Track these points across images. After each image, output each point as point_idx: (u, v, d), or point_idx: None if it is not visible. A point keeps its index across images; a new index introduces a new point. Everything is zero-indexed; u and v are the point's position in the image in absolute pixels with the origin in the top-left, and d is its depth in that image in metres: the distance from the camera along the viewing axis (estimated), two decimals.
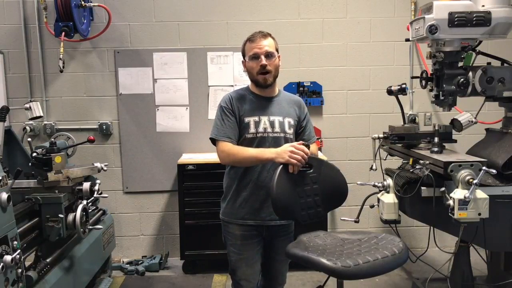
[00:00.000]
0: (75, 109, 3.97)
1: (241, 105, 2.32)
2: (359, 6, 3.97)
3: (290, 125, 2.36)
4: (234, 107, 2.31)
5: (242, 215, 2.33)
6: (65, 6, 3.50)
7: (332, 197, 2.24)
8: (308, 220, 2.15)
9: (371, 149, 3.00)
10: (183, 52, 3.94)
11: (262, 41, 2.28)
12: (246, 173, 2.31)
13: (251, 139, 2.29)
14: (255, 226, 2.33)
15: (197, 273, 3.74)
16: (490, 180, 2.48)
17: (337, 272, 1.81)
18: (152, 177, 4.02)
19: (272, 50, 2.29)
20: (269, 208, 2.24)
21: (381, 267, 1.88)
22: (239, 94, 2.38)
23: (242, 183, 2.33)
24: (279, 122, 2.32)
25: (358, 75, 4.02)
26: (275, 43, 2.34)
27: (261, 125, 2.30)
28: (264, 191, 2.28)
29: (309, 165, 2.17)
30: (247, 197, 2.32)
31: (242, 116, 2.31)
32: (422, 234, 4.08)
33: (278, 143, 2.28)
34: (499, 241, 2.56)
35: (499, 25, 2.47)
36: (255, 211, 2.32)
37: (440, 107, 2.74)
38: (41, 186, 2.50)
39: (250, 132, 2.29)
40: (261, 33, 2.32)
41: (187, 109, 3.98)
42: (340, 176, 2.28)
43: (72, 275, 2.61)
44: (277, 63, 2.34)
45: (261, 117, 2.31)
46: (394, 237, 2.12)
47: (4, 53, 3.85)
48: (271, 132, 2.30)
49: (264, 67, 2.27)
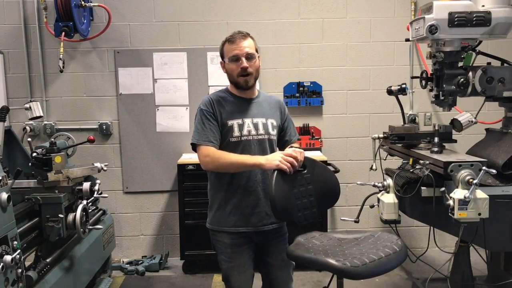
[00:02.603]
0: (75, 109, 3.97)
1: (222, 108, 2.23)
2: (359, 6, 3.97)
3: (273, 126, 2.30)
4: (215, 110, 2.22)
5: (233, 222, 2.24)
6: (65, 6, 3.50)
7: (325, 198, 2.24)
8: (304, 221, 2.15)
9: (371, 149, 3.00)
10: (183, 52, 3.94)
11: (242, 42, 2.19)
12: (234, 178, 2.22)
13: (235, 143, 2.21)
14: (246, 232, 2.25)
15: (197, 273, 3.74)
16: (490, 180, 2.48)
17: (347, 272, 1.82)
18: (152, 177, 4.02)
19: (253, 51, 2.21)
20: (260, 214, 2.22)
21: (386, 265, 1.90)
22: (219, 97, 2.27)
23: (229, 189, 2.24)
24: (262, 124, 2.26)
25: (358, 75, 4.02)
26: (255, 43, 2.26)
27: (245, 128, 2.22)
28: (254, 196, 2.22)
29: (303, 165, 2.17)
30: (236, 204, 2.23)
31: (224, 119, 2.22)
32: (422, 234, 4.08)
33: (263, 146, 2.24)
34: (499, 241, 2.56)
35: (499, 25, 2.47)
36: (246, 218, 2.24)
37: (440, 107, 2.74)
38: (41, 186, 2.50)
39: (234, 136, 2.21)
40: (241, 33, 2.23)
41: (187, 109, 3.98)
42: (333, 176, 2.29)
43: (72, 275, 2.61)
44: (258, 64, 2.25)
45: (244, 120, 2.23)
46: (391, 235, 2.14)
47: (4, 53, 3.85)
48: (256, 135, 2.23)
49: (245, 69, 2.18)
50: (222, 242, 2.28)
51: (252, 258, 2.31)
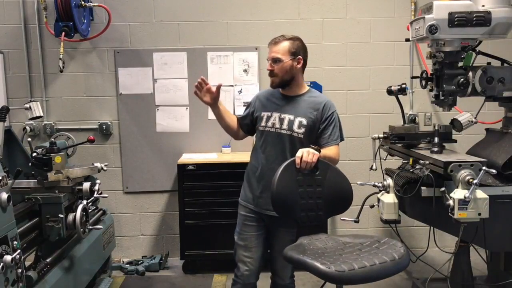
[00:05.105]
0: (75, 109, 3.97)
1: (263, 101, 2.55)
2: (359, 6, 3.97)
3: (301, 124, 2.40)
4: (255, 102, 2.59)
5: (246, 198, 2.53)
6: (65, 6, 3.50)
7: (335, 203, 2.23)
8: (307, 222, 2.14)
9: (371, 149, 3.00)
10: (183, 52, 3.93)
11: (272, 47, 2.44)
12: (255, 160, 2.51)
13: (261, 132, 2.50)
14: (254, 211, 2.49)
15: (197, 273, 3.74)
16: (490, 180, 2.48)
17: (330, 276, 1.79)
18: (152, 177, 4.02)
19: (279, 56, 2.40)
20: (267, 199, 2.33)
21: (378, 273, 1.84)
22: (269, 92, 2.58)
23: (252, 168, 2.53)
24: (288, 120, 2.42)
25: (358, 75, 4.02)
26: (290, 47, 2.43)
27: (271, 120, 2.46)
28: (264, 183, 2.42)
29: (316, 167, 2.17)
30: (251, 183, 2.50)
31: (259, 110, 2.54)
32: (422, 234, 4.08)
33: (282, 140, 2.41)
34: (499, 241, 2.56)
35: (499, 25, 2.47)
36: (257, 198, 2.48)
37: (440, 107, 2.75)
38: (41, 186, 2.50)
39: (261, 125, 2.50)
40: (275, 39, 2.46)
41: (187, 109, 3.98)
42: (346, 183, 2.27)
43: (72, 275, 2.61)
44: (286, 67, 2.42)
45: (273, 113, 2.47)
46: (396, 242, 2.06)
47: (4, 53, 3.85)
48: (279, 128, 2.43)
49: (269, 71, 2.44)
50: (239, 213, 2.58)
51: (262, 237, 2.52)
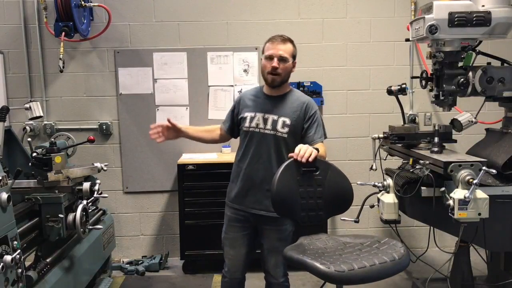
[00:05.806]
0: (75, 109, 3.97)
1: (246, 102, 2.53)
2: (359, 6, 3.97)
3: (285, 124, 2.40)
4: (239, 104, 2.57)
5: (232, 198, 2.53)
6: (65, 6, 3.50)
7: (335, 203, 2.22)
8: (307, 222, 2.14)
9: (371, 149, 3.00)
10: (183, 52, 3.93)
11: (280, 45, 2.39)
12: (240, 160, 2.50)
13: (245, 132, 2.48)
14: (240, 210, 2.49)
15: (197, 273, 3.74)
16: (490, 180, 2.48)
17: (330, 276, 1.78)
18: (152, 177, 4.02)
19: (287, 55, 2.38)
20: (255, 197, 2.43)
21: (378, 273, 1.82)
22: (251, 93, 2.58)
23: (236, 169, 2.52)
24: (272, 120, 2.42)
25: (358, 75, 4.02)
26: (294, 50, 2.43)
27: (254, 121, 2.45)
28: (251, 182, 2.44)
29: (316, 166, 2.16)
30: (237, 183, 2.50)
31: (242, 111, 2.52)
32: (422, 234, 4.08)
33: (267, 140, 2.41)
34: (499, 241, 2.56)
35: (499, 25, 2.47)
36: (242, 197, 2.48)
37: (440, 107, 2.74)
38: (41, 186, 2.50)
39: (245, 126, 2.48)
40: (282, 37, 2.42)
41: (187, 109, 3.98)
42: (347, 183, 2.26)
43: (72, 275, 2.61)
44: (289, 68, 2.42)
45: (257, 114, 2.46)
46: (396, 242, 2.04)
47: (4, 53, 3.85)
48: (263, 128, 2.43)
49: (275, 68, 2.37)
50: (225, 214, 2.59)
51: (247, 237, 2.53)
